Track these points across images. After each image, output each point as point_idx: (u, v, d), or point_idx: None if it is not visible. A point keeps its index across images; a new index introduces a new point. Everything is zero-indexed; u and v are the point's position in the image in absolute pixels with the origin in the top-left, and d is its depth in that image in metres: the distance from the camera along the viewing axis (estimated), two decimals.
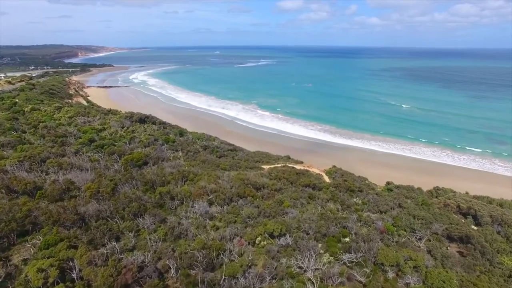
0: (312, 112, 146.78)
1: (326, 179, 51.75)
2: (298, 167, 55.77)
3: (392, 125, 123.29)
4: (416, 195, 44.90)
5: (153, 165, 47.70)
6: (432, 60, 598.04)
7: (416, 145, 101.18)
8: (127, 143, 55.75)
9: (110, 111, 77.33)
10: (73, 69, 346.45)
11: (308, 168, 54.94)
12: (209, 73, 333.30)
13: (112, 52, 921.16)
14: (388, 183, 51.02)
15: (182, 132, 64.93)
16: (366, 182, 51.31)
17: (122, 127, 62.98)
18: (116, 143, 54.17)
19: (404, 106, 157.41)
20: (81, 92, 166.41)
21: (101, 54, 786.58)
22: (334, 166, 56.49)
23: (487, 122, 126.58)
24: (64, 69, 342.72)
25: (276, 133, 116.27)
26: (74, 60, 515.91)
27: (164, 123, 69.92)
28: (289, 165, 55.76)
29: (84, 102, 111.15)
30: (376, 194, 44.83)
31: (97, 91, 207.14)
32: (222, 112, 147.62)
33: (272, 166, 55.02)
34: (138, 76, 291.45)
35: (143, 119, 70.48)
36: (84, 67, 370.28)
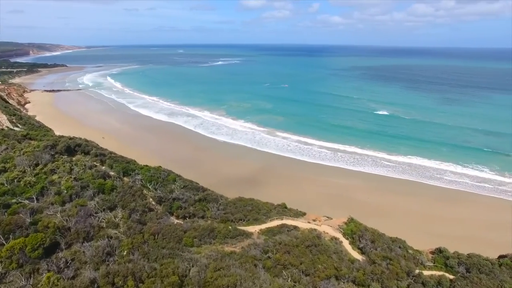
0: (290, 120, 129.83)
1: (348, 247, 34.18)
2: (301, 224, 37.83)
3: (378, 137, 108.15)
4: (498, 282, 28.30)
5: (67, 247, 27.94)
6: (395, 58, 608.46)
7: (413, 163, 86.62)
8: (35, 198, 35.14)
9: (27, 136, 54.92)
10: (18, 70, 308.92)
11: (316, 227, 37.20)
12: (172, 73, 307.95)
13: (68, 51, 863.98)
14: (440, 251, 34.35)
15: (127, 169, 44.66)
16: (409, 251, 34.29)
17: (36, 165, 42.00)
18: (14, 201, 33.59)
19: (383, 112, 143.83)
20: (12, 101, 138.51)
21: (56, 53, 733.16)
22: (352, 220, 39.09)
23: (475, 132, 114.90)
24: (8, 70, 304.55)
25: (252, 148, 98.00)
26: (22, 59, 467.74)
27: (102, 153, 48.86)
28: (288, 223, 37.66)
29: (3, 118, 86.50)
30: (439, 283, 27.80)
31: (41, 96, 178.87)
32: (187, 121, 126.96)
33: (264, 226, 36.70)
34: (93, 78, 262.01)
35: (73, 148, 49.41)
36: (33, 67, 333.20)
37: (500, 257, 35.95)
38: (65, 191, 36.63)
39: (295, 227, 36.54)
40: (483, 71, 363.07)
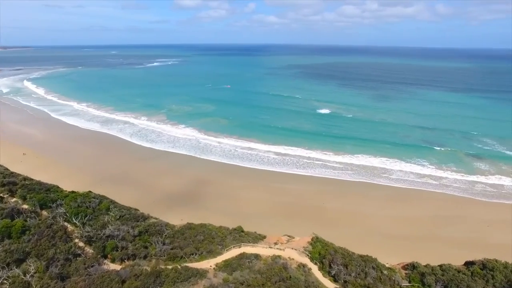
0: (234, 123, 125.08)
1: (319, 275, 30.23)
2: (262, 251, 33.15)
3: (323, 138, 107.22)
4: None
5: None
6: (328, 57, 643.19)
7: (361, 163, 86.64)
8: None
9: None
10: None
11: (280, 252, 32.80)
12: (105, 76, 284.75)
13: None
14: (413, 266, 32.00)
15: (47, 200, 35.89)
16: (383, 272, 31.30)
17: None
18: None
19: (325, 111, 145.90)
20: None
21: None
22: (318, 239, 35.36)
23: (411, 128, 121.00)
24: None
25: (196, 156, 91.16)
26: None
27: (12, 181, 38.73)
28: (248, 251, 32.72)
29: None
30: None
31: None
32: (122, 129, 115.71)
33: (220, 259, 31.31)
34: (9, 83, 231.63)
35: None
36: None
37: (467, 263, 34.68)
38: None
39: (256, 256, 31.73)
40: (408, 68, 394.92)
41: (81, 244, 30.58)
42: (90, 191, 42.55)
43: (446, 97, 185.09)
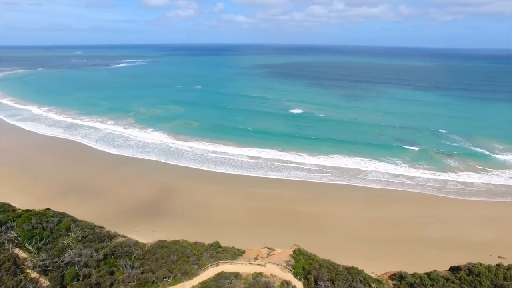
0: (205, 125, 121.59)
1: None
2: (242, 268, 30.67)
3: (297, 139, 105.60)
4: None
5: None
6: (296, 56, 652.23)
7: (335, 165, 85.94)
8: None
9: None
10: None
11: (261, 269, 30.48)
12: (68, 78, 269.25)
13: None
14: (401, 277, 30.67)
15: None
16: (372, 285, 29.72)
17: None
18: None
19: (297, 111, 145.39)
20: None
21: None
22: (300, 252, 33.34)
23: (383, 127, 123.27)
24: None
25: (167, 162, 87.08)
26: None
27: None
28: (226, 269, 30.16)
29: None
30: None
31: None
32: (87, 134, 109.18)
33: (197, 281, 28.49)
34: None
35: None
36: None
37: (452, 268, 33.88)
38: None
39: (236, 275, 29.20)
40: (374, 66, 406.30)
41: (34, 275, 26.64)
42: (48, 209, 38.21)
43: (413, 95, 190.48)
